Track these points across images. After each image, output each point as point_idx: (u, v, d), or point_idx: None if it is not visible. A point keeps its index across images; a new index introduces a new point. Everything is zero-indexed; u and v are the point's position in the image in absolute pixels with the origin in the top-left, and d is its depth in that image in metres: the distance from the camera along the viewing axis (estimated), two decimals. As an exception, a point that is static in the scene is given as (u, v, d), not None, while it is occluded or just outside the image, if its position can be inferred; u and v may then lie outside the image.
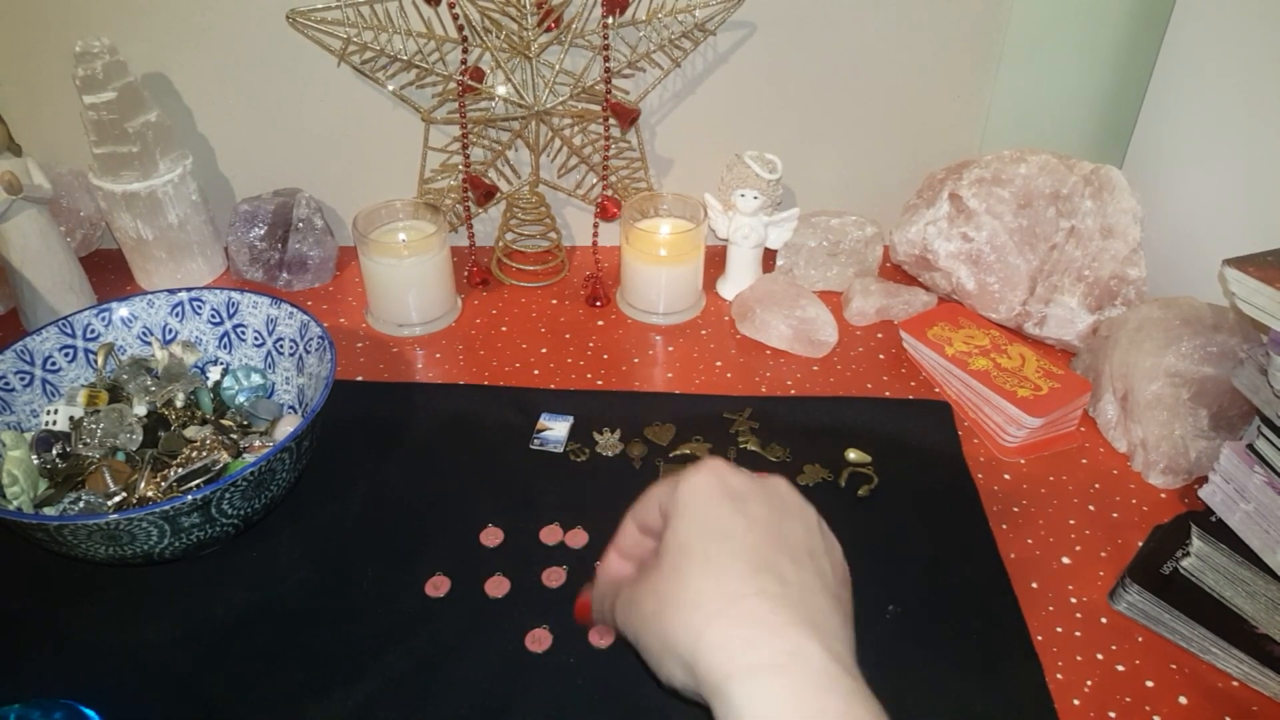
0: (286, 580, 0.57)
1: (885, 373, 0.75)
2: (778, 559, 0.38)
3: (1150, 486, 0.64)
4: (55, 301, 0.77)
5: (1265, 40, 0.66)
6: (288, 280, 0.86)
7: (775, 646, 0.35)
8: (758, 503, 0.41)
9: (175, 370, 0.67)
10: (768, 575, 0.37)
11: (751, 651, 0.35)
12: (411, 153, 0.85)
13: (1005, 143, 0.82)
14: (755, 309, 0.78)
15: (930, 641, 0.52)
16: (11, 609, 0.55)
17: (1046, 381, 0.69)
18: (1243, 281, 0.55)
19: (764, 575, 0.37)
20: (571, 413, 0.69)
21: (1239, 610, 0.52)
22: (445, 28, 0.78)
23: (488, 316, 0.83)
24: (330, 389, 0.58)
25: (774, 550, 0.39)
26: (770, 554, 0.38)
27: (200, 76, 0.83)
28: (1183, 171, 0.75)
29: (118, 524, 0.48)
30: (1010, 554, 0.58)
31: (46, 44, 0.81)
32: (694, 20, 0.78)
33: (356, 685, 0.50)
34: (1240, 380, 0.59)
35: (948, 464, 0.65)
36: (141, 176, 0.79)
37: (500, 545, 0.59)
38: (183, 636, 0.53)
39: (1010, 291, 0.77)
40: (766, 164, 0.80)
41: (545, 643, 0.52)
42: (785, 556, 0.39)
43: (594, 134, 0.84)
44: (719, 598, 0.37)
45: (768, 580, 0.37)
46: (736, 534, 0.39)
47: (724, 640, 0.35)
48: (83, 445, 0.60)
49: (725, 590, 0.37)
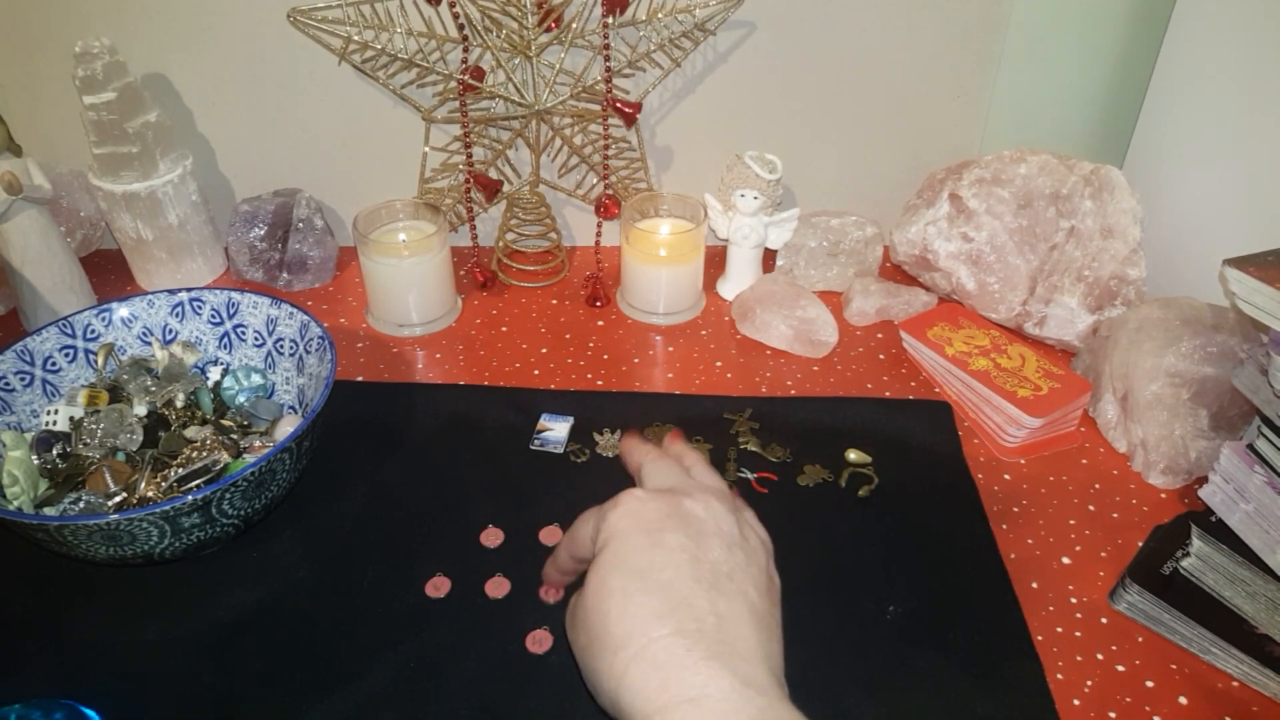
0: (287, 580, 0.57)
1: (885, 373, 0.75)
2: (694, 592, 0.40)
3: (1150, 486, 0.64)
4: (55, 302, 0.77)
5: (1265, 40, 0.66)
6: (288, 280, 0.86)
7: (688, 682, 0.37)
8: (674, 531, 0.42)
9: (175, 370, 0.67)
10: (683, 612, 0.39)
11: (665, 691, 0.37)
12: (412, 153, 0.85)
13: (1005, 143, 0.82)
14: (755, 309, 0.78)
15: (930, 641, 0.52)
16: (11, 609, 0.55)
17: (1046, 382, 0.69)
18: (1243, 281, 0.55)
19: (679, 612, 0.39)
20: (571, 413, 0.69)
21: (1239, 610, 0.52)
22: (446, 27, 0.78)
23: (488, 317, 0.83)
24: (330, 389, 0.58)
25: (690, 583, 0.40)
26: (686, 589, 0.40)
27: (200, 76, 0.83)
28: (1183, 171, 0.75)
29: (118, 524, 0.48)
30: (1010, 554, 0.58)
31: (46, 44, 0.81)
32: (694, 20, 0.78)
33: (357, 685, 0.50)
34: (1240, 380, 0.59)
35: (948, 464, 0.65)
36: (141, 177, 0.79)
37: (500, 546, 0.59)
38: (183, 636, 0.53)
39: (1010, 291, 0.77)
40: (766, 164, 0.80)
41: (546, 643, 0.52)
42: (701, 587, 0.40)
43: (594, 134, 0.84)
44: (635, 640, 0.39)
45: (683, 617, 0.39)
46: (653, 570, 0.41)
47: (641, 684, 0.38)
48: (83, 445, 0.60)
49: (641, 633, 0.39)
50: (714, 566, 0.42)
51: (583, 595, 0.42)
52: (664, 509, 0.44)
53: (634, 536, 0.43)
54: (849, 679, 0.50)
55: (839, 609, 0.54)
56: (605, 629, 0.40)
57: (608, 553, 0.43)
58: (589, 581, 0.42)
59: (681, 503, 0.44)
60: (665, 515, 0.43)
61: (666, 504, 0.44)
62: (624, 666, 0.38)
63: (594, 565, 0.43)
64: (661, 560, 0.41)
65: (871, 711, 0.49)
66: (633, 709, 0.38)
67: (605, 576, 0.42)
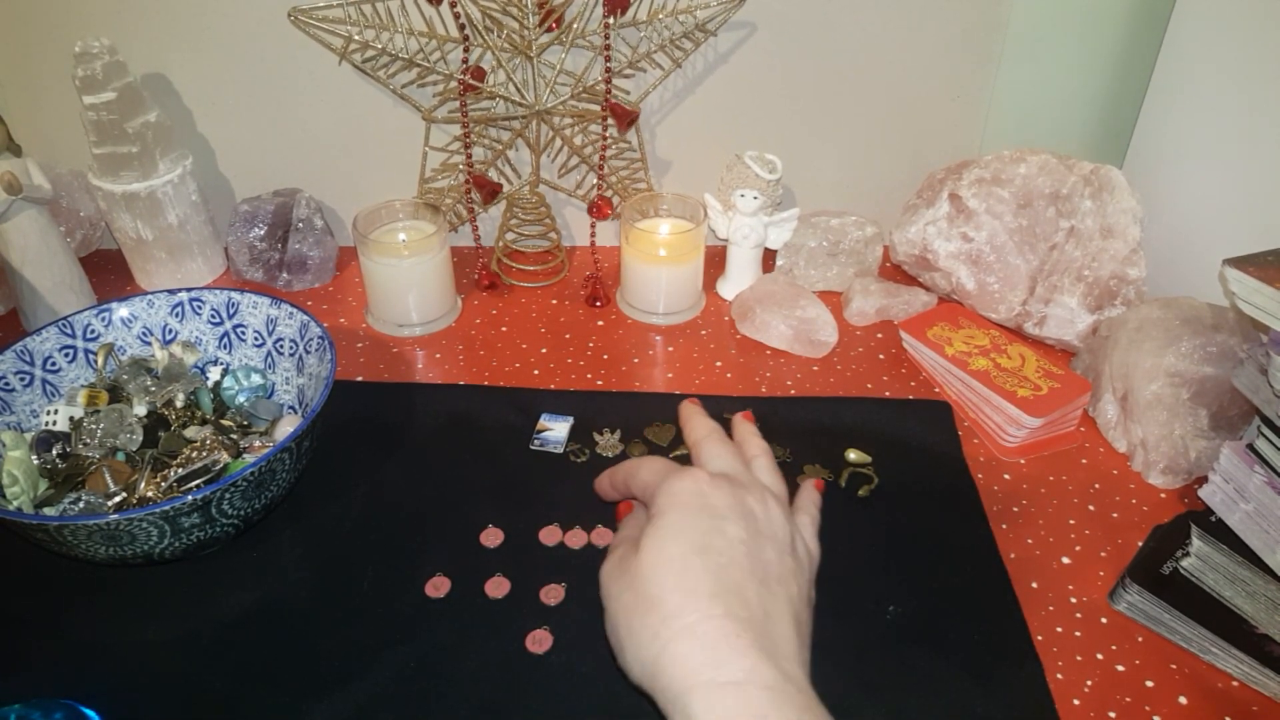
0: (286, 580, 0.57)
1: (885, 373, 0.75)
2: (747, 582, 0.41)
3: (1150, 486, 0.64)
4: (55, 302, 0.77)
5: (1265, 40, 0.66)
6: (288, 280, 0.86)
7: (735, 665, 0.38)
8: (735, 524, 0.43)
9: (175, 370, 0.67)
10: (735, 597, 0.40)
11: (712, 668, 0.38)
12: (412, 153, 0.85)
13: (1005, 143, 0.82)
14: (755, 309, 0.78)
15: (930, 641, 0.52)
16: (11, 609, 0.55)
17: (1046, 381, 0.69)
18: (1243, 281, 0.55)
19: (732, 596, 0.40)
20: (571, 413, 0.69)
21: (1239, 610, 0.52)
22: (447, 27, 0.78)
23: (488, 317, 0.83)
24: (330, 389, 0.58)
25: (745, 574, 0.41)
26: (741, 577, 0.41)
27: (200, 76, 0.83)
28: (1183, 171, 0.75)
29: (118, 524, 0.48)
30: (1010, 554, 0.58)
31: (46, 44, 0.81)
32: (695, 21, 0.78)
33: (357, 685, 0.50)
34: (1240, 380, 0.59)
35: (948, 464, 0.65)
36: (141, 177, 0.79)
37: (500, 546, 0.59)
38: (183, 636, 0.53)
39: (1010, 291, 0.77)
40: (766, 164, 0.80)
41: (545, 643, 0.52)
42: (754, 580, 0.41)
43: (594, 134, 0.84)
44: (689, 613, 0.39)
45: (734, 602, 0.40)
46: (713, 551, 0.42)
47: (688, 655, 0.38)
48: (83, 445, 0.60)
49: (695, 606, 0.39)
50: (766, 566, 0.42)
51: (638, 554, 0.42)
52: (729, 499, 0.44)
53: (697, 515, 0.43)
54: (849, 679, 0.50)
55: (839, 609, 0.54)
56: (660, 595, 0.40)
57: (668, 520, 0.43)
58: (646, 542, 0.42)
59: (745, 498, 0.45)
60: (728, 506, 0.44)
61: (731, 495, 0.44)
62: (671, 635, 0.39)
63: (652, 528, 0.43)
64: (720, 545, 0.42)
65: (871, 711, 0.49)
66: (671, 677, 0.38)
67: (665, 542, 0.42)
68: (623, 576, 0.42)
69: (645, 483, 0.47)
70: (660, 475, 0.46)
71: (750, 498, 0.45)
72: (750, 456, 0.50)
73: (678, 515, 0.43)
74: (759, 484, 0.47)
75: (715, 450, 0.48)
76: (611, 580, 0.43)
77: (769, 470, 0.49)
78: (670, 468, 0.46)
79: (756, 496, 0.45)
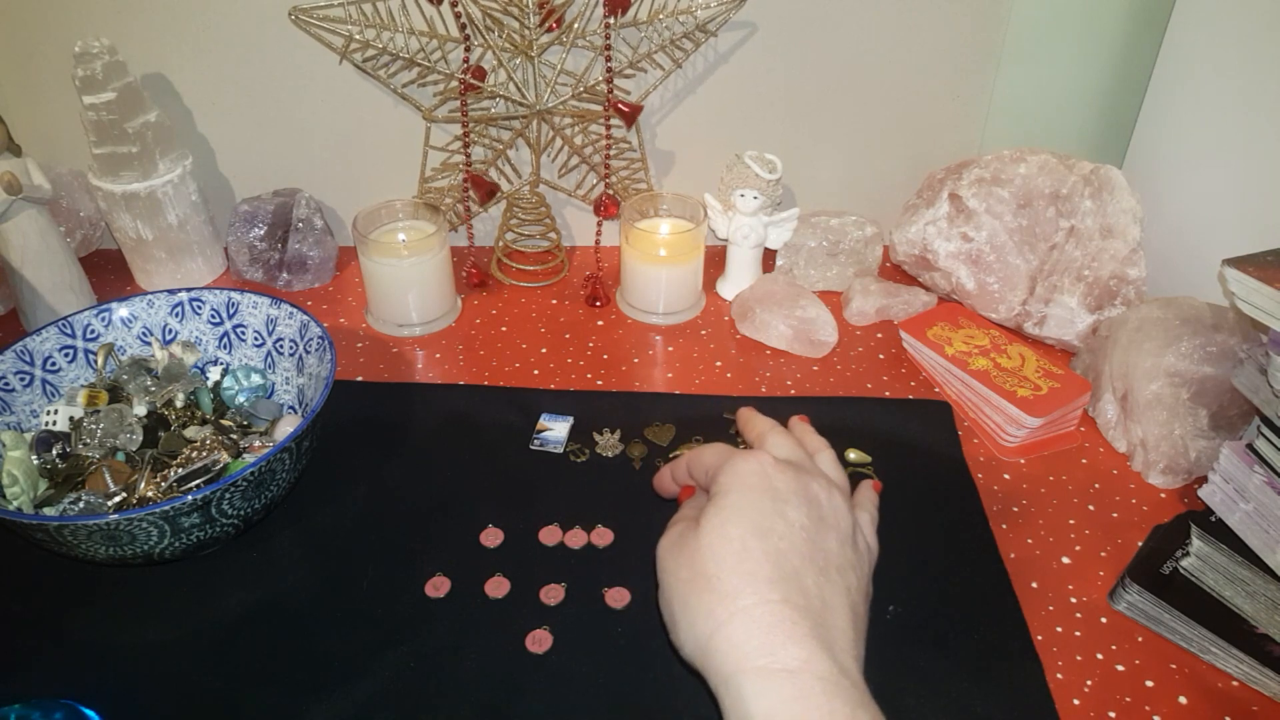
0: (286, 580, 0.57)
1: (885, 373, 0.75)
2: (806, 569, 0.40)
3: (1150, 486, 0.64)
4: (55, 302, 0.77)
5: (1265, 40, 0.66)
6: (288, 280, 0.86)
7: (790, 652, 0.37)
8: (797, 508, 0.43)
9: (175, 370, 0.67)
10: (793, 584, 0.39)
11: (767, 654, 0.37)
12: (412, 152, 0.85)
13: (1005, 143, 0.82)
14: (755, 309, 0.78)
15: (930, 641, 0.52)
16: (11, 609, 0.55)
17: (1046, 381, 0.69)
18: (1242, 281, 0.55)
19: (790, 583, 0.39)
20: (571, 413, 0.69)
21: (1239, 610, 0.52)
22: (447, 26, 0.78)
23: (488, 316, 0.83)
24: (330, 389, 0.58)
25: (804, 560, 0.41)
26: (800, 563, 0.40)
27: (200, 76, 0.83)
28: (1183, 171, 0.75)
29: (118, 524, 0.48)
30: (1010, 554, 0.58)
31: (46, 44, 0.81)
32: (695, 21, 0.78)
33: (357, 685, 0.50)
34: (1240, 380, 0.59)
35: (948, 464, 0.65)
36: (141, 177, 0.79)
37: (500, 546, 0.59)
38: (183, 636, 0.53)
39: (1010, 291, 0.77)
40: (766, 164, 0.80)
41: (545, 643, 0.52)
42: (814, 568, 0.41)
43: (595, 134, 0.84)
44: (746, 595, 0.39)
45: (792, 589, 0.39)
46: (774, 534, 0.41)
47: (743, 638, 0.38)
48: (83, 445, 0.60)
49: (753, 590, 0.39)
50: (826, 555, 0.42)
51: (697, 531, 0.42)
52: (792, 483, 0.44)
53: (760, 496, 0.43)
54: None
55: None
56: (718, 575, 0.40)
57: (730, 500, 0.43)
58: (707, 520, 0.42)
59: (809, 484, 0.44)
60: (792, 490, 0.43)
61: (795, 479, 0.44)
62: (728, 616, 0.38)
63: (714, 506, 0.43)
64: (782, 529, 0.41)
65: (871, 711, 0.49)
66: (726, 657, 0.38)
67: (726, 522, 0.42)
68: (681, 553, 0.42)
69: (708, 464, 0.46)
70: (724, 456, 0.45)
71: (815, 484, 0.45)
72: (814, 450, 0.50)
73: (740, 495, 0.43)
74: (823, 473, 0.47)
75: (779, 440, 0.48)
76: (669, 555, 0.43)
77: (832, 464, 0.49)
78: (734, 450, 0.46)
79: (822, 484, 0.45)
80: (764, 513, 0.42)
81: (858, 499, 0.51)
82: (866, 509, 0.50)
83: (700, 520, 0.43)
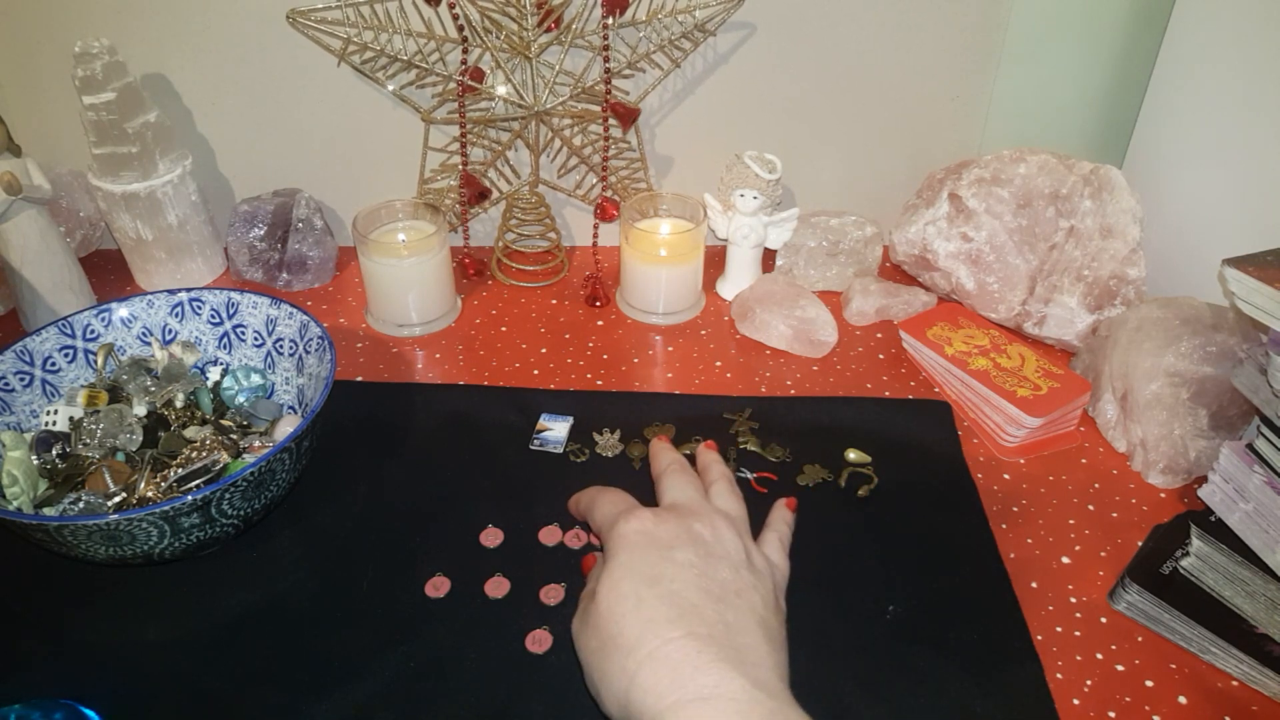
0: (286, 580, 0.57)
1: (885, 373, 0.75)
2: (703, 601, 0.42)
3: (1150, 486, 0.64)
4: (55, 302, 0.77)
5: (1265, 40, 0.66)
6: (287, 280, 0.86)
7: (699, 681, 0.38)
8: (684, 550, 0.45)
9: (175, 370, 0.67)
10: (693, 617, 0.41)
11: (679, 688, 0.38)
12: (411, 153, 0.85)
13: (1005, 143, 0.82)
14: (755, 309, 0.78)
15: (930, 641, 0.52)
16: (11, 609, 0.55)
17: (1046, 381, 0.69)
18: (1242, 281, 0.55)
19: (690, 617, 0.41)
20: (571, 413, 0.69)
21: (1238, 610, 0.52)
22: (445, 28, 0.78)
23: (487, 316, 0.83)
24: (330, 389, 0.58)
25: (700, 593, 0.42)
26: (696, 597, 0.42)
27: (200, 76, 0.83)
28: (1183, 171, 0.75)
29: (118, 524, 0.48)
30: (1010, 554, 0.58)
31: (46, 44, 0.81)
32: (694, 21, 0.78)
33: (356, 685, 0.50)
34: (1240, 380, 0.59)
35: (948, 464, 0.65)
36: (141, 177, 0.79)
37: (500, 546, 0.59)
38: (183, 636, 0.53)
39: (1010, 291, 0.77)
40: (766, 164, 0.80)
41: (545, 643, 0.52)
42: (710, 598, 0.42)
43: (594, 134, 0.84)
44: (649, 641, 0.40)
45: (693, 622, 0.41)
46: (664, 580, 0.43)
47: (654, 681, 0.39)
48: (83, 445, 0.60)
49: (654, 634, 0.40)
50: (722, 584, 0.44)
51: (594, 599, 0.44)
52: (674, 530, 0.46)
53: (645, 550, 0.45)
54: (849, 679, 0.50)
55: (839, 609, 0.54)
56: (619, 631, 0.41)
57: (619, 560, 0.44)
58: (600, 586, 0.44)
59: (691, 525, 0.47)
60: (674, 535, 0.46)
61: (677, 525, 0.46)
62: (636, 666, 0.40)
63: (605, 571, 0.45)
64: (672, 572, 0.43)
65: (871, 711, 0.49)
66: (644, 706, 0.39)
67: (618, 582, 0.43)
68: (586, 625, 0.44)
69: (598, 522, 0.49)
70: (610, 519, 0.48)
71: (697, 524, 0.47)
72: (709, 483, 0.53)
73: (627, 554, 0.45)
74: (709, 509, 0.49)
75: (673, 482, 0.51)
76: (579, 633, 0.45)
77: (726, 495, 0.52)
78: (620, 509, 0.48)
79: (704, 522, 0.47)
80: (651, 563, 0.44)
81: (769, 520, 0.54)
82: (776, 528, 0.53)
83: (595, 589, 0.44)
